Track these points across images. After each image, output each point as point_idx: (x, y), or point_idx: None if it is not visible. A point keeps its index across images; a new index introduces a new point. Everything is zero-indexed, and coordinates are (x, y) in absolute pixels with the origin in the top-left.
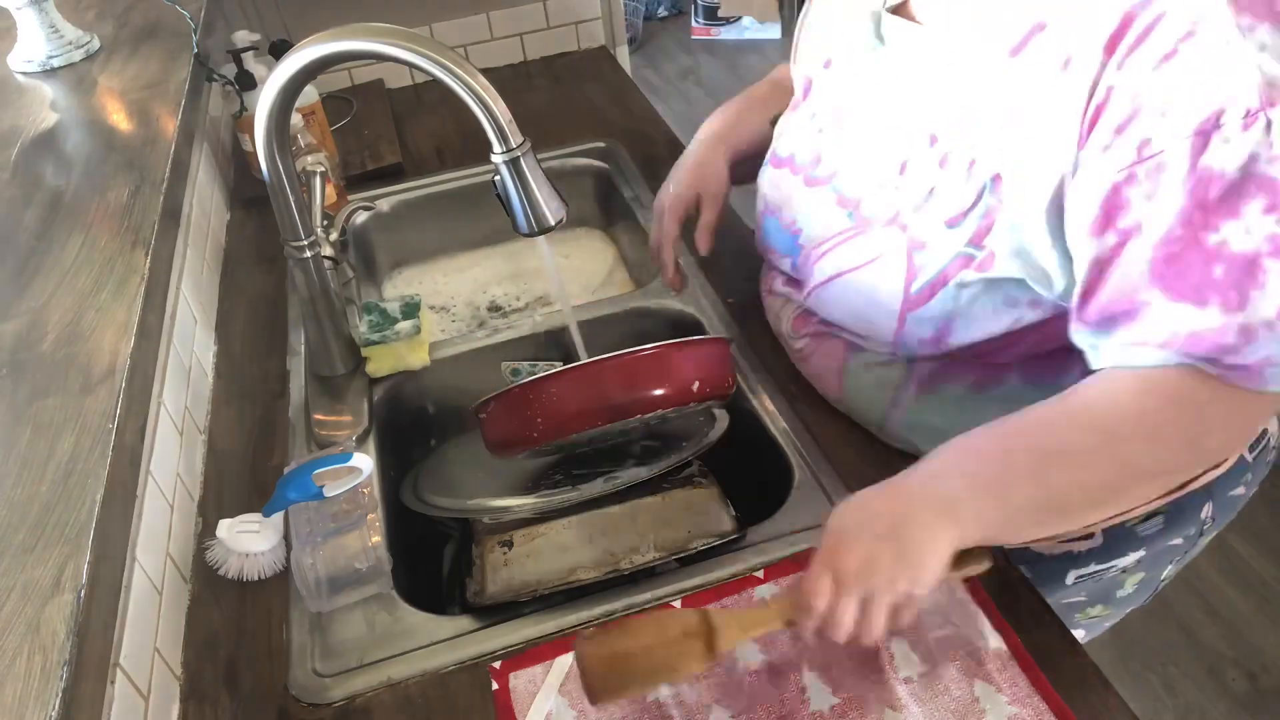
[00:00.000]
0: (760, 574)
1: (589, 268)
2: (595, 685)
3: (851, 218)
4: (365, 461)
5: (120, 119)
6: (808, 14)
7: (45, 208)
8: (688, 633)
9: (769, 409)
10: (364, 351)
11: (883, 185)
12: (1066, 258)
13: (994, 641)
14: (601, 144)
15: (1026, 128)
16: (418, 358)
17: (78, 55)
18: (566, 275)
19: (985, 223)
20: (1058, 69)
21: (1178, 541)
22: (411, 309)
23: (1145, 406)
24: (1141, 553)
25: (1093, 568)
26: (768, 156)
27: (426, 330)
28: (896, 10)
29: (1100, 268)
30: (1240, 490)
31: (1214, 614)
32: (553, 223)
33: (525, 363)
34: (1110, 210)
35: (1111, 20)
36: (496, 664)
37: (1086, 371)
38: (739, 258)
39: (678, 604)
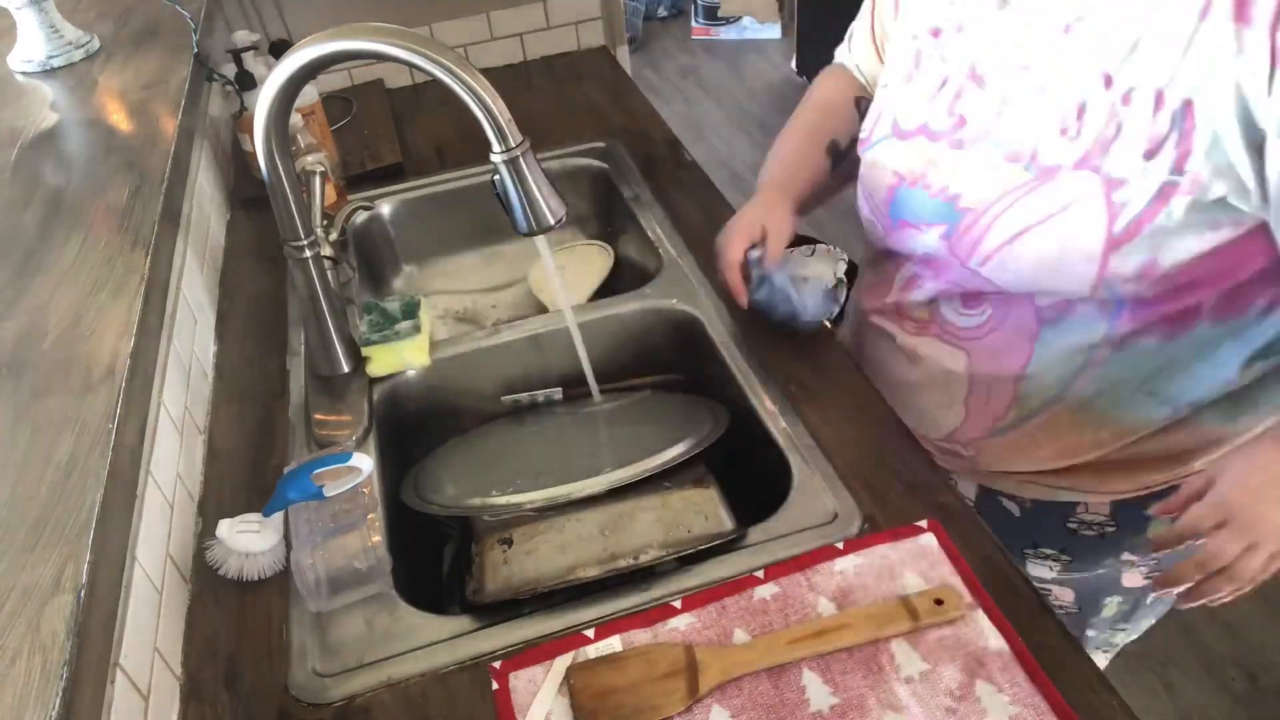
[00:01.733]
0: (760, 574)
1: (589, 268)
2: (584, 718)
3: (1029, 169)
4: (365, 461)
5: (120, 119)
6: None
7: (45, 208)
8: (673, 671)
9: (769, 409)
10: (364, 351)
11: (1062, 132)
12: (1263, 168)
13: (995, 641)
14: (601, 144)
15: (1209, 50)
16: (418, 358)
17: (78, 55)
18: (566, 275)
19: (1183, 149)
20: None
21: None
22: (411, 309)
23: None
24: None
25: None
26: (881, 133)
27: (426, 330)
28: None
29: None
30: None
31: (1214, 614)
32: (552, 222)
33: (525, 394)
34: None
35: None
36: (496, 664)
37: (1271, 302)
38: None
39: (678, 604)
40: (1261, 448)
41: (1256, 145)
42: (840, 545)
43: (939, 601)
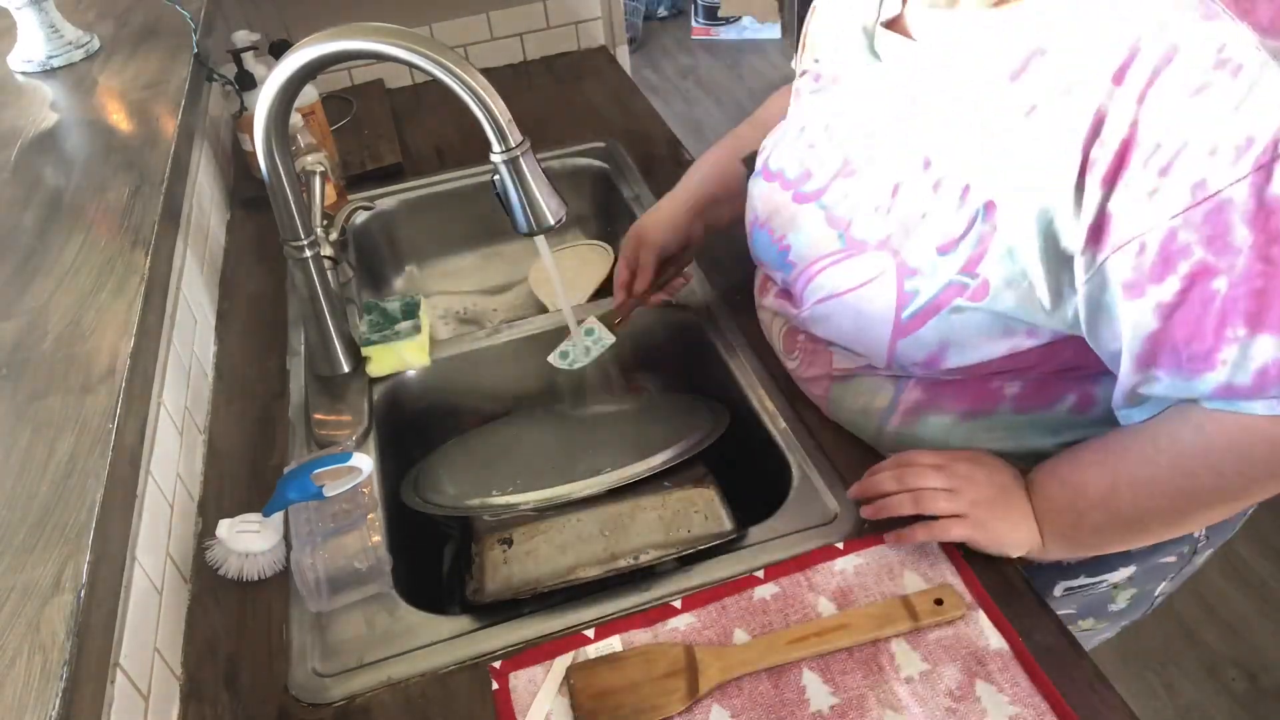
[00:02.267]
0: (760, 574)
1: (589, 268)
2: (584, 718)
3: (842, 239)
4: (365, 461)
5: (120, 119)
6: (808, 24)
7: (45, 208)
8: (672, 671)
9: (769, 409)
10: (364, 351)
11: (875, 208)
12: (1060, 286)
13: (995, 641)
14: (601, 144)
15: (1022, 154)
16: (418, 358)
17: (78, 55)
18: (566, 275)
19: (978, 250)
20: (1058, 95)
21: (1170, 559)
22: (411, 309)
23: (1208, 451)
24: (1132, 568)
25: (1082, 580)
26: (759, 166)
27: (426, 330)
28: (890, 25)
29: (1166, 312)
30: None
31: (1214, 614)
32: (552, 222)
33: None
34: (1169, 256)
35: (1119, 50)
36: (496, 664)
37: (1080, 401)
38: (742, 260)
39: (678, 604)
40: (1004, 464)
41: (1053, 262)
42: (840, 545)
43: (939, 601)
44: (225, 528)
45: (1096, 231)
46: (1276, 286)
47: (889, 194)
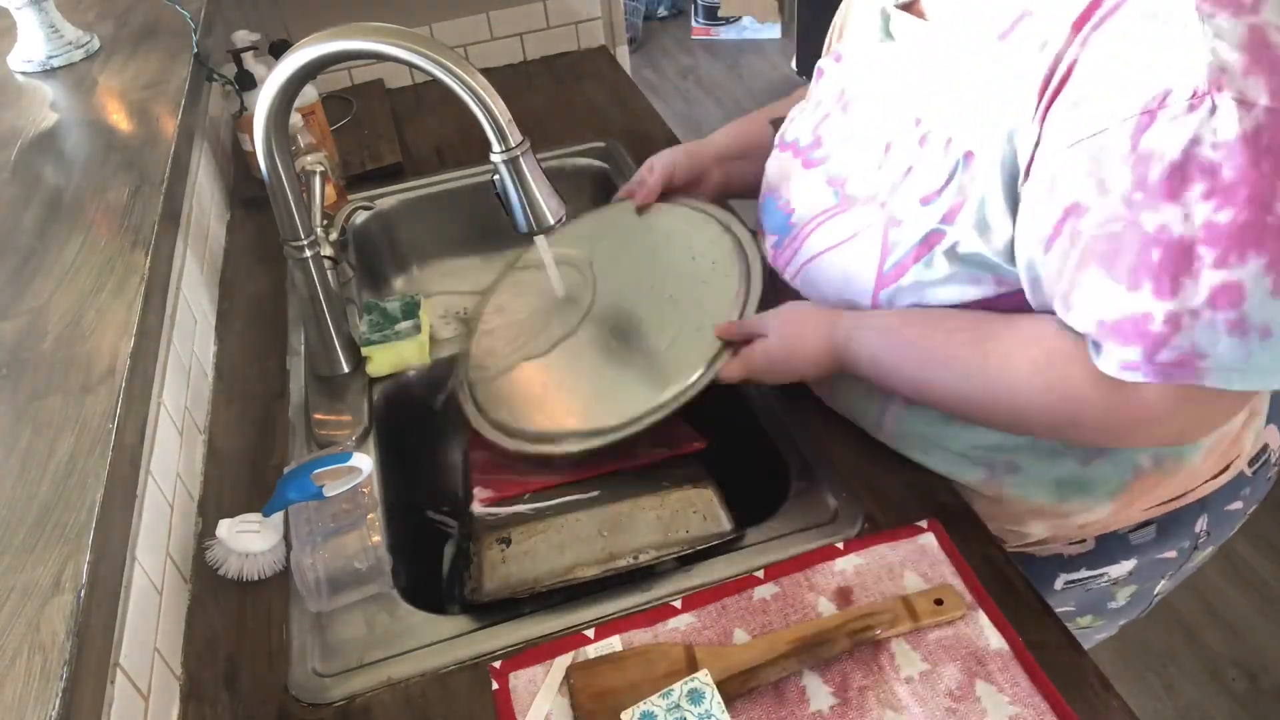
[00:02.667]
0: (760, 574)
1: None
2: (584, 718)
3: (836, 196)
4: (365, 461)
5: (120, 119)
6: (842, 8)
7: (45, 208)
8: (672, 670)
9: (769, 409)
10: (364, 351)
11: (869, 165)
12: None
13: (995, 641)
14: (601, 144)
15: (997, 103)
16: (418, 357)
17: (78, 55)
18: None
19: (958, 200)
20: (1036, 50)
21: (1171, 554)
22: (411, 308)
23: (1030, 380)
24: (1133, 562)
25: (1083, 573)
26: (775, 143)
27: (426, 330)
28: (907, 7)
29: (1045, 244)
30: (1238, 505)
31: (1214, 614)
32: (552, 222)
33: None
34: (1054, 187)
35: (1083, 1)
36: (496, 664)
37: None
38: None
39: (678, 604)
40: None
41: (1011, 203)
42: (840, 545)
43: (939, 601)
44: (225, 528)
45: (1027, 168)
46: (1131, 236)
47: (882, 151)
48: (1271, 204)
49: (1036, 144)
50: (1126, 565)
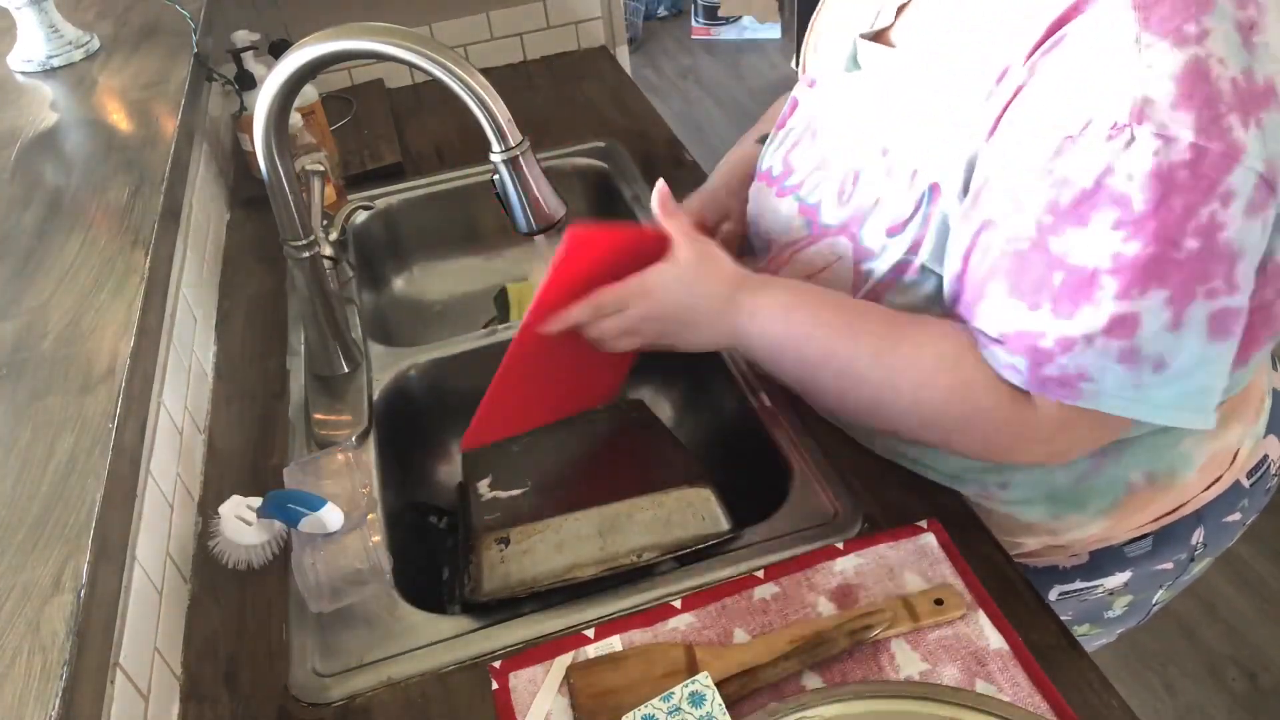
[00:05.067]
0: (760, 574)
1: None
2: (584, 718)
3: (809, 226)
4: (335, 518)
5: (120, 119)
6: (810, 34)
7: (45, 208)
8: (672, 670)
9: (769, 409)
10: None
11: (838, 195)
12: None
13: (995, 641)
14: (601, 144)
15: (958, 134)
16: None
17: (77, 55)
18: None
19: (923, 231)
20: (994, 81)
21: (1167, 566)
22: None
23: (932, 378)
24: (1129, 574)
25: (1078, 585)
26: (756, 173)
27: None
28: (877, 37)
29: (965, 255)
30: (1235, 517)
31: (1214, 614)
32: (552, 222)
33: None
34: (979, 198)
35: (1038, 31)
36: (496, 664)
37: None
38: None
39: (678, 604)
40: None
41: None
42: (840, 545)
43: (939, 601)
44: (229, 507)
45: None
46: (1037, 256)
47: (851, 182)
48: (1180, 240)
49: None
50: (1122, 577)
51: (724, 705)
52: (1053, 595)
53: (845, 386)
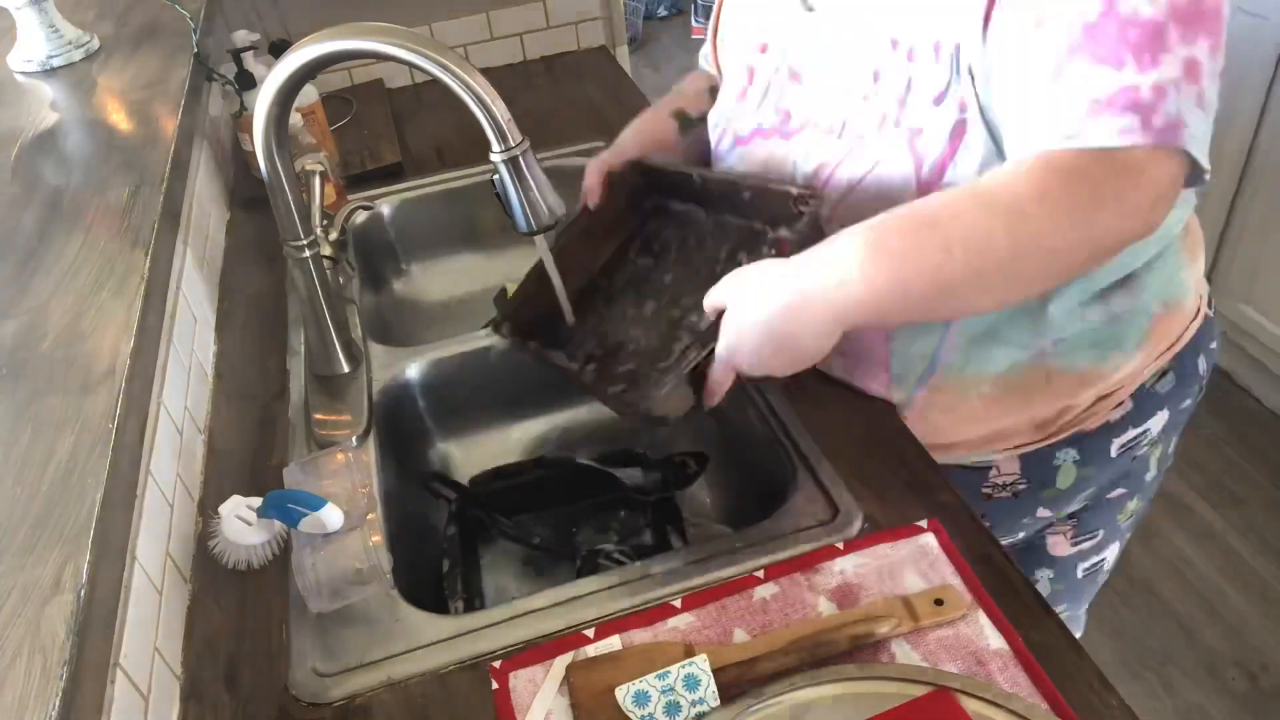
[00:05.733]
0: (760, 574)
1: None
2: (584, 718)
3: (842, 137)
4: (335, 517)
5: (120, 119)
6: (722, 10)
7: (45, 208)
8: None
9: (769, 409)
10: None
11: (864, 97)
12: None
13: (995, 641)
14: (601, 144)
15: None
16: None
17: (77, 55)
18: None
19: (965, 90)
20: None
21: (1188, 403)
22: None
23: (1045, 182)
24: (1165, 414)
25: (1130, 433)
26: (726, 145)
27: None
28: None
29: (1023, 61)
30: (1214, 345)
31: (1214, 614)
32: (551, 221)
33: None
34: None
35: None
36: (496, 663)
37: None
38: None
39: (678, 603)
40: (775, 269)
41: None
42: (840, 545)
43: (939, 601)
44: (229, 507)
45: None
46: (1108, 23)
47: (871, 81)
48: None
49: None
50: (1161, 418)
51: (716, 692)
52: (1114, 451)
53: (979, 263)
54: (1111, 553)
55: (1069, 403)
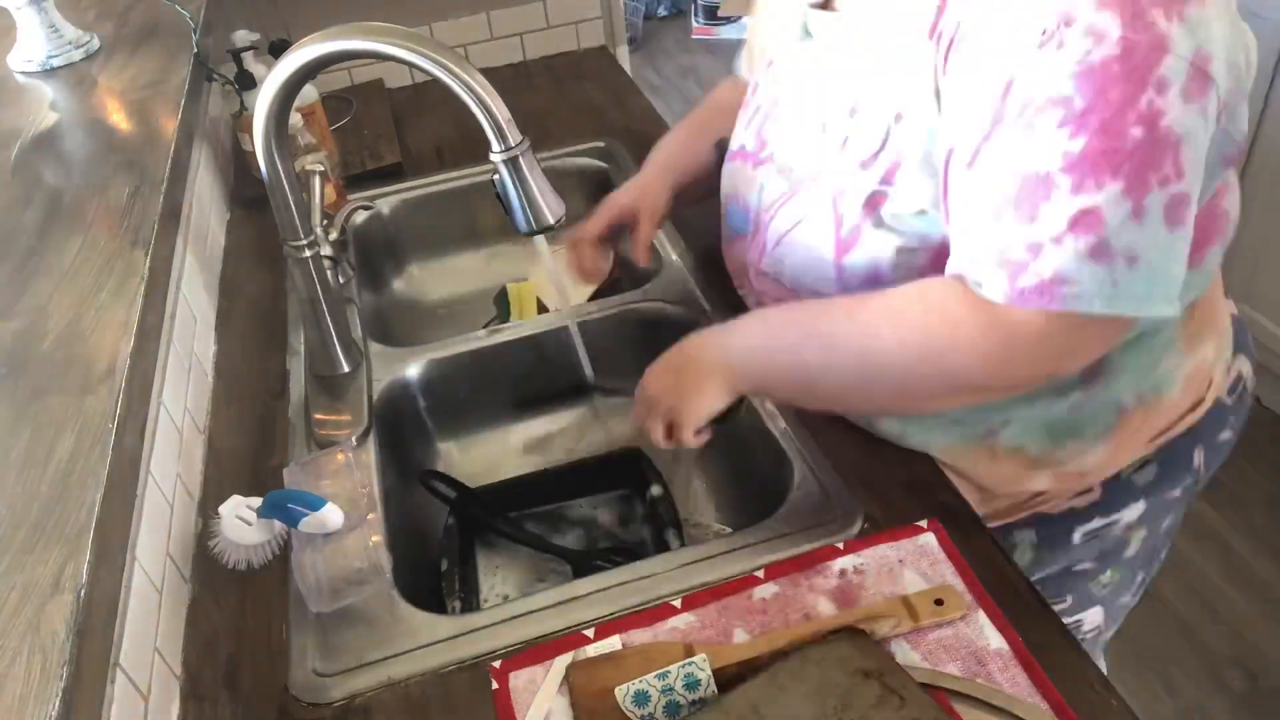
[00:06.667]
0: (760, 574)
1: None
2: (584, 718)
3: (788, 182)
4: (336, 516)
5: (120, 119)
6: (755, 23)
7: (45, 208)
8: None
9: (769, 409)
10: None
11: (807, 147)
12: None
13: (995, 641)
14: (601, 144)
15: (911, 67)
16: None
17: (77, 55)
18: (565, 275)
19: (894, 161)
20: (932, 13)
21: (1176, 493)
22: None
23: (906, 310)
24: (1142, 505)
25: (1097, 522)
26: (727, 155)
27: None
28: (824, 5)
29: (945, 194)
30: (1228, 434)
31: (1214, 614)
32: (551, 221)
33: None
34: (942, 128)
35: None
36: (496, 663)
37: None
38: None
39: (678, 603)
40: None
41: (936, 164)
42: (840, 545)
43: (939, 601)
44: (229, 507)
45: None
46: (991, 168)
47: (819, 131)
48: (1124, 130)
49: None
50: (1136, 509)
51: (716, 693)
52: (1076, 538)
53: (832, 358)
54: (1091, 617)
55: (1022, 487)
